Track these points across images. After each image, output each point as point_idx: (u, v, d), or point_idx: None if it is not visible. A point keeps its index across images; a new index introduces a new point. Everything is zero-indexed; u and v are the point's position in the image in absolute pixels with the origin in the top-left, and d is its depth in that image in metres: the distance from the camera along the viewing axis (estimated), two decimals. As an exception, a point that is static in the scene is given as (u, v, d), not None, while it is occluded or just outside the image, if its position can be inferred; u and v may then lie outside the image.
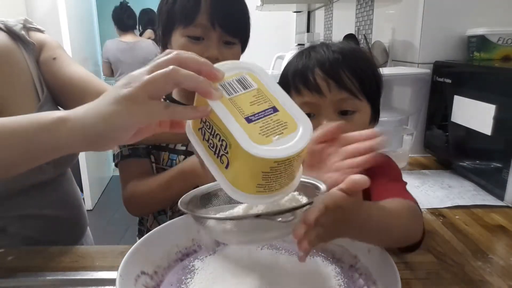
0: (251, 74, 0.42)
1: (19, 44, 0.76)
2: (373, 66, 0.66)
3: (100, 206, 3.19)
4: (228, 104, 0.39)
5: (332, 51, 0.63)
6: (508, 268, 0.60)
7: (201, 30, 0.74)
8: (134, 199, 0.78)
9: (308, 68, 0.62)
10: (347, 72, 0.61)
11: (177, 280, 0.51)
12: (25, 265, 0.62)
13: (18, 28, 0.76)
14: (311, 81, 0.61)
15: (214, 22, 0.73)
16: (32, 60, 0.77)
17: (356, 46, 0.67)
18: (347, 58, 0.62)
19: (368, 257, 0.51)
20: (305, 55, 0.65)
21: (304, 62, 0.64)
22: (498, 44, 1.06)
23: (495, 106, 0.83)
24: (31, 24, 0.80)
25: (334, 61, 0.61)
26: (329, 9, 2.36)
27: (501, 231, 0.73)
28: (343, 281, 0.49)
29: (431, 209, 0.82)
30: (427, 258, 0.62)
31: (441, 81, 1.08)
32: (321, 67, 0.61)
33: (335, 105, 0.61)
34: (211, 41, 0.75)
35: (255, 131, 0.37)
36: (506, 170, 0.81)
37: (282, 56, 2.66)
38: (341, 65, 0.61)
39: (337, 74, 0.60)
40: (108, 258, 0.63)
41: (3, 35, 0.75)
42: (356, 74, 0.61)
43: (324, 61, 0.61)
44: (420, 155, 1.19)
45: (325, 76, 0.60)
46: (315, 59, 0.62)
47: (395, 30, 1.37)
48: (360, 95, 0.61)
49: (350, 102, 0.61)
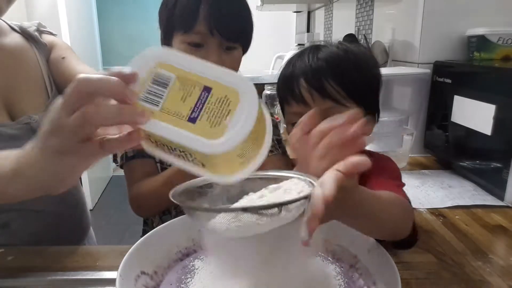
0: (161, 64, 0.38)
1: (32, 44, 0.81)
2: (365, 68, 0.64)
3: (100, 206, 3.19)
4: (162, 116, 0.36)
5: (317, 58, 0.62)
6: (508, 268, 0.61)
7: (200, 37, 0.74)
8: (140, 199, 0.77)
9: (293, 77, 0.63)
10: (330, 81, 0.60)
11: (177, 280, 0.51)
12: (25, 265, 0.62)
13: (32, 30, 0.82)
14: (296, 92, 0.62)
15: (213, 30, 0.73)
16: (43, 59, 0.81)
17: (348, 47, 0.65)
18: (331, 65, 0.61)
19: (368, 257, 0.51)
20: (292, 63, 0.65)
21: (290, 70, 0.64)
22: (498, 44, 1.06)
23: (495, 106, 0.84)
24: (44, 28, 0.86)
25: (317, 70, 0.61)
26: (329, 9, 2.36)
27: (501, 231, 0.73)
28: (343, 281, 0.49)
29: (431, 209, 0.82)
30: (427, 258, 0.62)
31: (441, 81, 1.08)
32: (305, 77, 0.62)
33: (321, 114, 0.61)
34: (211, 48, 0.75)
35: (205, 128, 0.35)
36: (506, 170, 0.81)
37: (282, 56, 2.66)
38: (325, 73, 0.61)
39: (319, 84, 0.60)
40: (108, 258, 0.63)
41: (18, 36, 0.80)
42: (341, 82, 0.60)
43: (307, 70, 0.62)
44: (420, 155, 1.19)
45: (308, 86, 0.61)
46: (299, 67, 0.63)
47: (395, 30, 1.37)
48: (347, 102, 0.61)
49: (335, 110, 0.60)
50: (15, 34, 0.80)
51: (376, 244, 0.51)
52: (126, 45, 4.63)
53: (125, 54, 4.64)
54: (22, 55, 0.78)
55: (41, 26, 0.85)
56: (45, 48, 0.82)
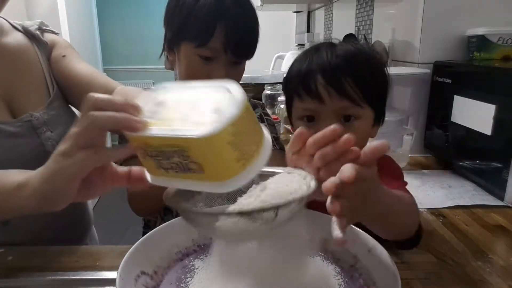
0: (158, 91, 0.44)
1: (33, 43, 0.81)
2: (378, 69, 0.64)
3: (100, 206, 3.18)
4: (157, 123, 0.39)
5: (335, 55, 0.61)
6: (508, 268, 0.61)
7: (212, 52, 0.74)
8: (136, 200, 0.77)
9: (310, 73, 0.61)
10: (349, 80, 0.59)
11: (176, 279, 0.51)
12: (25, 265, 0.62)
13: (34, 29, 0.82)
14: (312, 88, 0.61)
15: (227, 49, 0.73)
16: (44, 58, 0.81)
17: (361, 46, 0.65)
18: (349, 63, 0.60)
19: (368, 257, 0.50)
20: (308, 58, 0.63)
21: (307, 65, 0.63)
22: (498, 44, 1.06)
23: (495, 106, 0.84)
24: (46, 27, 0.86)
25: (336, 68, 0.60)
26: (329, 9, 2.36)
27: (501, 231, 0.73)
28: (343, 281, 0.49)
29: (431, 209, 0.82)
30: (427, 258, 0.62)
31: (441, 81, 1.08)
32: (322, 74, 0.60)
33: (336, 112, 0.61)
34: (220, 63, 0.75)
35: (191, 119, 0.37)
36: (506, 170, 0.81)
37: (282, 56, 2.65)
38: (343, 72, 0.60)
39: (338, 82, 0.59)
40: (108, 258, 0.63)
41: (20, 35, 0.81)
42: (359, 82, 0.60)
43: (325, 67, 0.60)
44: (420, 155, 1.19)
45: (326, 83, 0.60)
46: (317, 63, 0.61)
47: (395, 30, 1.37)
48: (362, 103, 0.61)
49: (351, 109, 0.60)
50: (17, 33, 0.80)
51: (376, 244, 0.51)
52: (126, 45, 4.63)
53: (125, 54, 4.65)
54: (24, 54, 0.78)
55: (43, 25, 0.85)
56: (46, 46, 0.82)
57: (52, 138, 0.75)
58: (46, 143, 0.75)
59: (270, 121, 0.90)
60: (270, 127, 0.88)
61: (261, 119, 0.89)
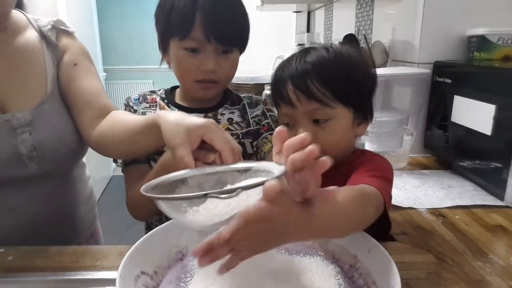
0: None
1: (43, 43, 0.80)
2: (355, 70, 0.64)
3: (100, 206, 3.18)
4: None
5: (304, 61, 0.64)
6: (508, 268, 0.61)
7: (197, 43, 0.75)
8: (132, 202, 0.78)
9: (282, 81, 0.65)
10: (316, 83, 0.61)
11: (176, 279, 0.51)
12: (25, 265, 0.62)
13: (47, 29, 0.80)
14: (284, 94, 0.64)
15: (209, 36, 0.73)
16: (51, 59, 0.80)
17: (340, 49, 0.66)
18: (318, 68, 0.62)
19: (368, 257, 0.51)
20: (281, 68, 0.67)
21: (279, 74, 0.67)
22: (498, 44, 1.06)
23: (495, 106, 0.83)
24: (62, 26, 0.84)
25: (302, 73, 0.63)
26: (329, 9, 2.36)
27: (501, 231, 0.73)
28: (343, 281, 0.49)
29: (431, 209, 0.82)
30: (427, 258, 0.62)
31: (441, 81, 1.08)
32: (291, 80, 0.63)
33: (307, 115, 0.63)
34: (208, 53, 0.76)
35: None
36: (506, 170, 0.81)
37: (282, 56, 2.65)
38: (310, 76, 0.62)
39: (305, 85, 0.62)
40: (108, 258, 0.63)
41: (33, 33, 0.80)
42: (327, 84, 0.62)
43: (293, 74, 0.64)
44: (420, 155, 1.19)
45: (294, 89, 0.63)
46: (288, 71, 0.65)
47: (395, 30, 1.37)
48: (333, 103, 0.62)
49: (321, 111, 0.62)
50: (30, 31, 0.79)
51: (376, 244, 0.51)
52: (126, 45, 4.63)
53: (125, 54, 4.65)
54: (29, 54, 0.77)
55: (59, 24, 0.83)
56: (56, 48, 0.80)
57: (27, 140, 0.73)
58: (20, 145, 0.72)
59: (274, 117, 0.89)
60: (274, 123, 0.88)
61: (263, 115, 0.88)
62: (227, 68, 0.79)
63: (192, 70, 0.77)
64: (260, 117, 0.88)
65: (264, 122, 0.88)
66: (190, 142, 0.54)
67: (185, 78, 0.81)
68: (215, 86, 0.81)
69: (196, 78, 0.78)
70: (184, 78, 0.81)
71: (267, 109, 0.90)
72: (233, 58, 0.80)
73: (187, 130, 0.55)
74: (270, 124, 0.88)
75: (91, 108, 0.78)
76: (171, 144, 0.55)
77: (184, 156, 0.52)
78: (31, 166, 0.74)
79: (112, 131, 0.73)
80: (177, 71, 0.80)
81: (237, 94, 0.92)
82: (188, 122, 0.56)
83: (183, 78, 0.81)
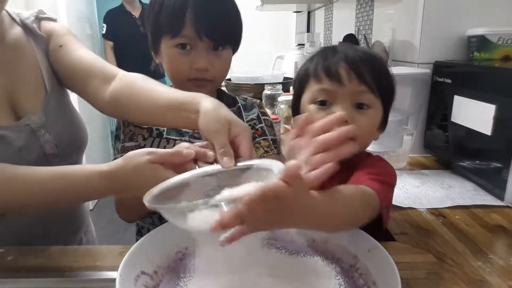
0: None
1: (30, 37, 0.78)
2: (389, 74, 0.67)
3: (100, 206, 3.18)
4: None
5: (357, 50, 0.65)
6: (508, 268, 0.61)
7: (188, 40, 0.74)
8: (120, 204, 0.76)
9: (334, 57, 0.64)
10: (367, 70, 0.63)
11: (176, 279, 0.51)
12: (25, 265, 0.62)
13: (30, 21, 0.78)
14: (333, 70, 0.63)
15: (200, 34, 0.73)
16: (41, 52, 0.78)
17: (378, 54, 0.70)
18: (370, 59, 0.64)
19: (368, 257, 0.51)
20: (330, 53, 0.66)
21: (332, 52, 0.66)
22: (498, 44, 1.06)
23: (495, 106, 0.84)
24: (43, 14, 0.81)
25: (358, 58, 0.63)
26: (329, 9, 2.36)
27: (501, 231, 0.73)
28: (343, 281, 0.49)
29: (431, 209, 0.82)
30: (427, 258, 0.62)
31: (441, 81, 1.08)
32: (345, 60, 0.63)
33: (352, 96, 0.63)
34: (199, 51, 0.75)
35: None
36: (506, 170, 0.81)
37: (282, 56, 2.65)
38: (364, 63, 0.63)
39: (359, 69, 0.62)
40: (108, 258, 0.63)
41: (18, 30, 0.77)
42: (376, 75, 0.63)
43: (348, 56, 0.64)
44: (420, 155, 1.19)
45: (348, 67, 0.62)
46: (340, 56, 0.64)
47: (395, 30, 1.37)
48: (377, 93, 0.63)
49: (367, 96, 0.62)
50: (15, 28, 0.77)
51: (376, 244, 0.51)
52: (126, 45, 4.62)
53: (125, 54, 4.64)
54: (22, 53, 0.76)
55: (41, 13, 0.81)
56: (42, 40, 0.78)
57: (50, 140, 0.75)
58: (45, 145, 0.74)
59: (268, 121, 0.88)
60: (268, 128, 0.86)
61: (258, 119, 0.87)
62: (219, 66, 0.79)
63: (184, 69, 0.77)
64: (255, 121, 0.86)
65: (258, 127, 0.86)
66: (229, 135, 0.54)
67: (177, 77, 0.79)
68: (208, 85, 0.79)
69: (188, 77, 0.77)
70: (176, 77, 0.80)
71: (262, 113, 0.88)
72: (226, 57, 0.79)
73: (230, 123, 0.55)
74: (264, 129, 0.86)
75: (93, 77, 0.75)
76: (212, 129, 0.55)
77: (226, 144, 0.53)
78: (54, 164, 0.74)
79: (129, 95, 0.70)
80: (169, 70, 0.79)
81: (231, 96, 0.91)
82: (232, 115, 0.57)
83: (175, 77, 0.80)
